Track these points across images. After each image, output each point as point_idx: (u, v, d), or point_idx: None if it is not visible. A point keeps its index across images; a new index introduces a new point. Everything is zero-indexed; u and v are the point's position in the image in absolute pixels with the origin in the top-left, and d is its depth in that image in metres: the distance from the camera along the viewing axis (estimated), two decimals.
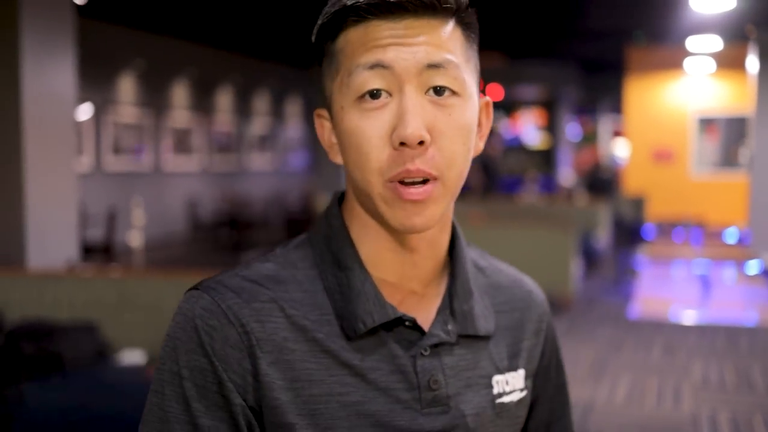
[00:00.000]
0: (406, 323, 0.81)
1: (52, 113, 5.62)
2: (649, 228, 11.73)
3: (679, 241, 11.73)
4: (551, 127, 18.25)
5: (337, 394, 0.78)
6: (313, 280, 0.82)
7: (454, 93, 0.77)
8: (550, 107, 18.06)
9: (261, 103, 15.32)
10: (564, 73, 15.60)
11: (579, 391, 4.87)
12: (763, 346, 5.95)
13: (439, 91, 0.77)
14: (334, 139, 0.83)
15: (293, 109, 16.59)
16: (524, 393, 0.91)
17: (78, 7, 6.23)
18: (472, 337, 0.86)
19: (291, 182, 16.12)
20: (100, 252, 8.67)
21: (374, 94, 0.76)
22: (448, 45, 0.77)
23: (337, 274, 0.82)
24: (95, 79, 9.99)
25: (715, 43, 10.80)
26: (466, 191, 12.88)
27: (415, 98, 0.75)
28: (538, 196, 11.39)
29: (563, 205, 10.09)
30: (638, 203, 11.61)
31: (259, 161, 15.26)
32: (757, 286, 8.48)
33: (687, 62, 12.63)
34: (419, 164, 0.75)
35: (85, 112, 9.64)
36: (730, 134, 12.92)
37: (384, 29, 0.76)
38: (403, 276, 0.84)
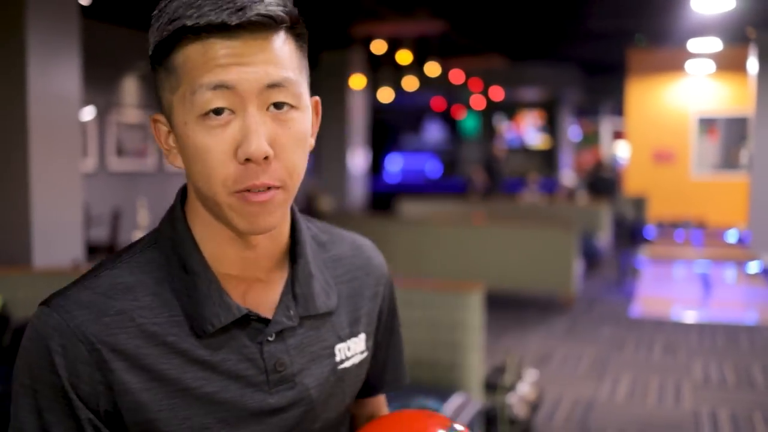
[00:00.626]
0: (252, 318, 0.88)
1: (57, 114, 5.66)
2: (650, 228, 11.75)
3: (680, 241, 11.76)
4: (552, 129, 18.28)
5: (192, 388, 0.84)
6: (161, 282, 0.87)
7: (292, 107, 0.83)
8: (551, 109, 18.10)
9: None
10: (565, 75, 15.63)
11: (581, 389, 4.91)
12: (763, 344, 5.98)
13: (278, 105, 0.82)
14: (172, 143, 0.87)
15: None
16: (365, 354, 1.00)
17: (82, 7, 6.27)
18: (313, 316, 0.93)
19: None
20: (104, 251, 8.71)
21: (217, 112, 0.80)
22: (284, 61, 0.82)
23: (184, 277, 0.87)
24: (99, 81, 10.05)
25: (715, 44, 10.83)
26: (468, 191, 12.95)
27: (258, 116, 0.80)
28: (540, 196, 11.42)
29: (565, 205, 10.12)
30: (639, 203, 11.63)
31: None
32: (757, 286, 8.50)
33: (688, 64, 12.65)
34: (264, 179, 0.81)
35: (89, 113, 9.68)
36: (730, 135, 12.94)
37: (223, 47, 0.79)
38: (246, 268, 0.90)
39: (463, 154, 19.70)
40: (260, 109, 0.81)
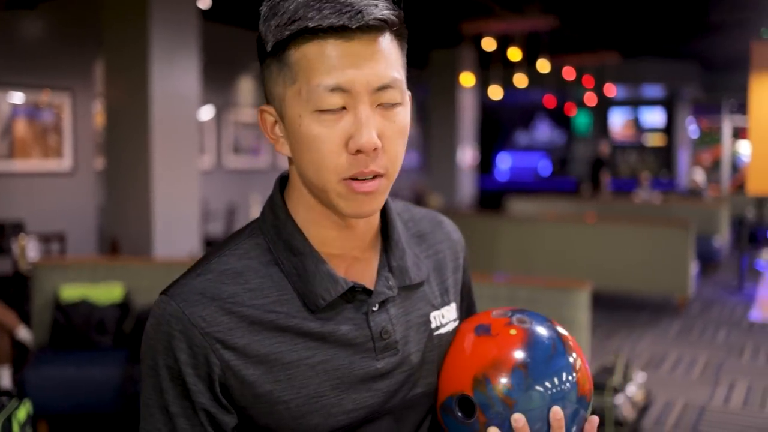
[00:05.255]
0: (357, 289, 0.96)
1: (178, 113, 5.92)
2: None
3: None
4: (670, 126, 17.68)
5: (304, 358, 0.92)
6: (268, 265, 0.94)
7: (398, 104, 0.91)
8: (669, 106, 17.51)
9: None
10: (683, 71, 15.07)
11: (693, 394, 4.76)
12: None
13: (386, 104, 0.90)
14: (279, 132, 0.94)
15: None
16: (457, 323, 1.07)
17: (202, 11, 6.53)
18: (408, 287, 1.01)
19: (402, 180, 16.26)
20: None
21: (333, 109, 0.87)
22: (392, 62, 0.90)
23: (292, 259, 0.94)
24: (216, 81, 10.42)
25: None
26: (576, 190, 12.68)
27: (369, 112, 0.88)
28: (655, 195, 11.08)
29: (681, 204, 9.78)
30: (762, 203, 11.12)
31: None
32: None
33: None
34: (372, 167, 0.89)
35: (207, 112, 10.06)
36: None
37: (339, 49, 0.86)
38: (345, 248, 0.98)
39: (574, 152, 19.32)
40: (371, 105, 0.88)
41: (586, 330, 3.60)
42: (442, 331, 1.03)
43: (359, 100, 0.87)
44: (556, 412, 0.93)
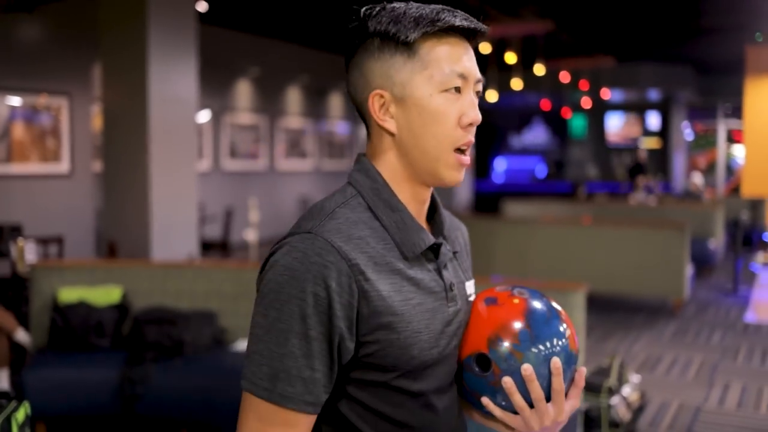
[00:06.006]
0: (434, 246, 1.16)
1: (176, 116, 5.94)
2: (767, 232, 11.27)
3: None
4: (665, 130, 17.75)
5: (410, 299, 1.10)
6: (371, 220, 1.13)
7: (479, 94, 1.18)
8: (664, 109, 17.57)
9: None
10: (678, 75, 15.13)
11: (688, 395, 4.79)
12: None
13: (477, 93, 1.17)
14: (392, 112, 1.14)
15: None
16: (474, 296, 1.27)
17: (200, 14, 6.55)
18: (454, 254, 1.24)
19: None
20: (217, 247, 9.06)
21: (457, 90, 1.13)
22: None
23: (391, 215, 1.14)
24: (214, 84, 10.43)
25: None
26: (572, 193, 12.70)
27: (474, 96, 1.15)
28: (651, 198, 11.12)
29: (676, 207, 9.82)
30: (756, 206, 11.17)
31: None
32: None
33: None
34: (471, 137, 1.15)
35: (204, 116, 10.07)
36: None
37: (461, 47, 1.14)
38: (417, 214, 1.18)
39: (570, 155, 19.37)
40: (474, 91, 1.15)
41: (582, 332, 3.62)
42: (471, 298, 1.24)
43: (470, 86, 1.14)
44: (556, 362, 1.12)
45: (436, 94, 1.11)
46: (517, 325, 1.15)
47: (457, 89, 1.12)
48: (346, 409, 1.11)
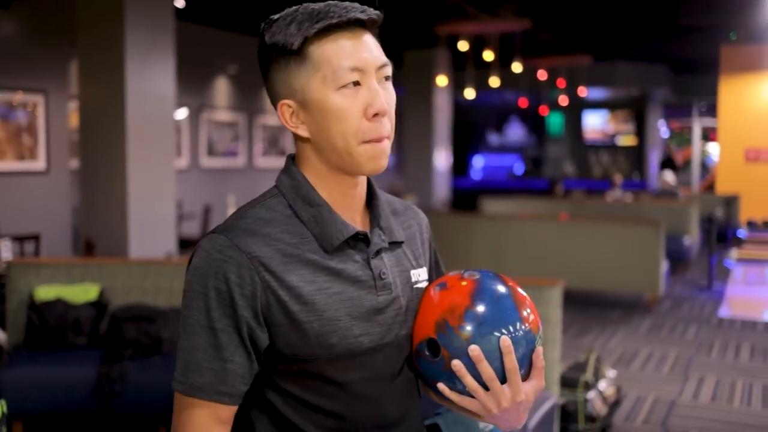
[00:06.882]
0: (360, 237, 1.19)
1: (154, 113, 5.91)
2: (741, 228, 11.41)
3: None
4: (641, 128, 17.90)
5: (324, 288, 1.14)
6: (290, 217, 1.17)
7: (389, 78, 1.18)
8: (640, 107, 17.72)
9: None
10: (654, 74, 15.27)
11: (663, 389, 4.85)
12: None
13: (387, 78, 1.17)
14: (298, 121, 1.17)
15: None
16: (425, 283, 1.29)
17: (177, 10, 6.52)
18: (394, 243, 1.25)
19: (377, 180, 16.31)
20: (195, 245, 9.00)
21: (353, 84, 1.13)
22: (380, 49, 1.18)
23: (309, 210, 1.18)
24: (192, 81, 10.38)
25: None
26: (549, 190, 12.73)
27: (377, 85, 1.14)
28: (628, 195, 11.22)
29: (651, 204, 9.92)
30: (730, 203, 11.30)
31: None
32: None
33: None
34: (383, 132, 1.14)
35: (182, 113, 10.03)
36: None
37: (350, 39, 1.13)
38: (346, 208, 1.21)
39: (548, 152, 19.48)
40: (378, 81, 1.15)
41: (558, 327, 3.66)
42: (419, 286, 1.27)
43: (370, 76, 1.13)
44: (504, 340, 1.13)
45: (332, 93, 1.12)
46: (464, 305, 1.15)
47: (356, 83, 1.13)
48: (281, 405, 1.15)
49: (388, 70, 1.17)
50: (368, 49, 1.14)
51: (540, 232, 7.56)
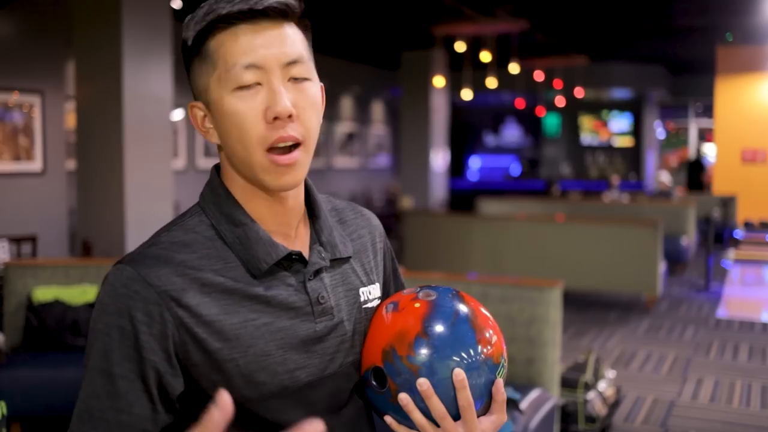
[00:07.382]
0: (294, 257, 1.04)
1: (151, 114, 5.89)
2: (738, 229, 11.42)
3: None
4: (638, 129, 17.92)
5: (250, 319, 0.99)
6: (213, 239, 1.02)
7: (306, 79, 1.00)
8: (636, 108, 17.74)
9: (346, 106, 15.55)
10: (651, 75, 15.29)
11: (662, 390, 4.85)
12: None
13: (296, 78, 1.00)
14: (208, 124, 1.03)
15: (377, 112, 16.76)
16: (378, 301, 1.14)
17: (174, 10, 6.51)
18: (338, 260, 1.10)
19: (374, 182, 16.29)
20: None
21: (249, 85, 0.98)
22: (297, 44, 1.01)
23: (234, 230, 1.02)
24: (188, 83, 10.37)
25: None
26: (546, 191, 12.74)
27: (281, 85, 0.98)
28: (625, 196, 11.23)
29: (649, 205, 9.93)
30: (727, 203, 11.32)
31: (343, 161, 15.49)
32: None
33: None
34: (290, 131, 0.98)
35: (179, 114, 10.01)
36: None
37: (249, 32, 0.98)
38: (279, 224, 1.05)
39: (544, 153, 19.49)
40: (283, 80, 0.98)
41: (558, 328, 3.65)
42: (369, 305, 1.12)
43: (272, 75, 0.97)
44: (458, 374, 0.98)
45: (228, 94, 0.98)
46: (414, 332, 1.01)
47: (250, 84, 0.97)
48: None
49: (302, 69, 1.00)
50: (270, 44, 0.98)
51: (537, 233, 7.56)
